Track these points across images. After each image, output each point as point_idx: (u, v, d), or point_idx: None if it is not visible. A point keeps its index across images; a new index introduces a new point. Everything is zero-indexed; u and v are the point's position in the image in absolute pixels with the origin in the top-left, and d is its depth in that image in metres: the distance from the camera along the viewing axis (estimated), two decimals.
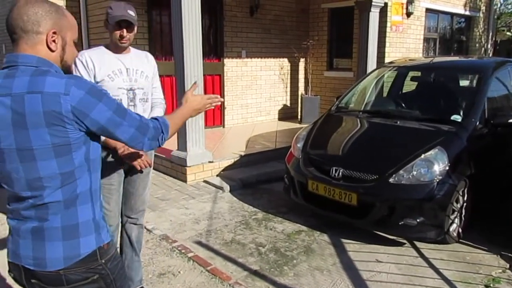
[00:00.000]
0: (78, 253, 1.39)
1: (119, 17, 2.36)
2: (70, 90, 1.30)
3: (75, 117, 1.31)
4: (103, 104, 1.35)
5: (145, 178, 2.69)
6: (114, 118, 1.38)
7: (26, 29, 1.34)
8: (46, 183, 1.34)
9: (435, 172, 3.53)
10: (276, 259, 3.43)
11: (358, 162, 3.87)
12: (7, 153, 1.32)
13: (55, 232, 1.37)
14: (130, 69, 2.50)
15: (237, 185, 5.18)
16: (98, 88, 1.39)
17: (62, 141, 1.32)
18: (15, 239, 1.41)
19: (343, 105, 5.07)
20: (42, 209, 1.36)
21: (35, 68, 1.33)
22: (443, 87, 5.12)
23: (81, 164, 1.38)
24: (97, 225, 1.46)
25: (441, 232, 3.53)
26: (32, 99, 1.27)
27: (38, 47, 1.36)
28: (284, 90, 9.11)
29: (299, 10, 9.00)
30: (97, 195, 1.47)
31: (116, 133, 1.40)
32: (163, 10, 6.95)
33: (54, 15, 1.37)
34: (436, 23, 9.79)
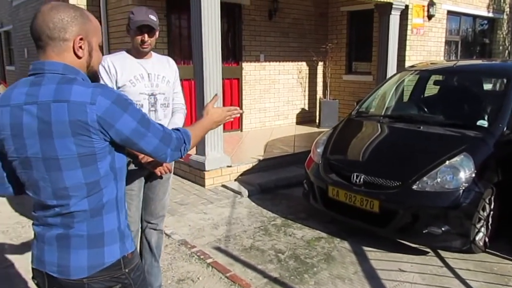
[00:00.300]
0: (102, 262, 1.37)
1: (141, 22, 2.35)
2: (97, 100, 1.28)
3: (101, 127, 1.28)
4: (128, 115, 1.33)
5: (165, 183, 2.67)
6: (138, 129, 1.36)
7: (53, 37, 1.31)
8: (72, 193, 1.32)
9: (460, 179, 3.42)
10: (296, 266, 3.37)
11: (380, 168, 3.79)
12: (33, 162, 1.31)
13: (81, 240, 1.35)
14: (152, 74, 2.48)
15: (255, 190, 5.14)
16: (124, 97, 1.36)
17: (87, 151, 1.29)
18: (40, 245, 1.39)
19: (364, 110, 4.98)
20: (68, 217, 1.34)
21: (61, 76, 1.31)
22: (467, 91, 4.98)
23: (106, 173, 1.36)
24: (122, 234, 1.44)
25: (467, 241, 3.42)
26: (58, 108, 1.25)
27: (65, 54, 1.34)
28: (302, 94, 9.04)
29: (318, 13, 8.94)
30: (122, 203, 1.46)
31: (140, 144, 1.38)
32: (182, 14, 6.98)
33: (80, 20, 1.35)
34: (458, 25, 9.61)
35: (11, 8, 11.66)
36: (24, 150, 1.30)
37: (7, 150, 1.34)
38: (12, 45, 12.70)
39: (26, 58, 11.28)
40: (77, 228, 1.35)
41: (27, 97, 1.28)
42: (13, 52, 12.72)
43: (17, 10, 11.33)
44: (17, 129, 1.29)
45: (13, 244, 3.70)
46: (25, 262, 3.30)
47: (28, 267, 1.30)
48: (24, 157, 1.31)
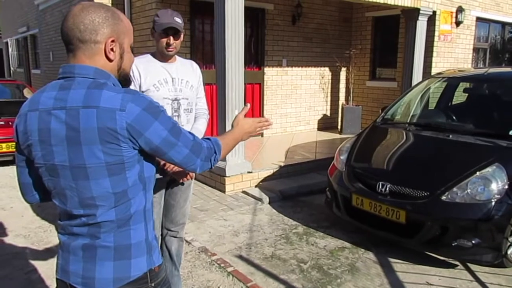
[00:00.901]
0: (129, 275, 1.31)
1: (166, 25, 2.31)
2: (127, 106, 1.22)
3: (130, 135, 1.23)
4: (159, 123, 1.27)
5: (186, 190, 2.62)
6: (169, 138, 1.29)
7: (84, 39, 1.26)
8: (99, 202, 1.27)
9: (492, 190, 3.28)
10: (319, 277, 3.27)
11: (407, 177, 3.67)
12: (60, 169, 1.26)
13: (107, 252, 1.30)
14: (176, 78, 2.44)
15: (276, 197, 5.06)
16: (156, 104, 1.30)
17: (115, 160, 1.24)
18: (65, 255, 1.34)
19: (389, 117, 4.86)
20: (94, 227, 1.29)
21: (92, 80, 1.26)
22: (499, 99, 4.81)
23: (135, 183, 1.30)
24: (149, 246, 1.38)
25: (498, 255, 3.27)
26: (87, 114, 1.20)
27: (97, 57, 1.29)
28: (324, 100, 8.94)
29: (342, 18, 8.84)
30: (150, 214, 1.40)
31: (169, 154, 1.32)
32: (205, 18, 6.98)
33: (111, 21, 1.29)
34: (487, 32, 9.36)
35: (37, 12, 11.92)
36: (51, 157, 1.25)
37: (34, 156, 1.29)
38: (38, 49, 12.97)
39: (52, 62, 11.51)
40: (103, 239, 1.29)
41: (56, 102, 1.23)
42: (39, 56, 12.99)
43: (44, 14, 11.58)
44: (45, 135, 1.24)
45: (35, 249, 3.70)
46: (46, 268, 3.32)
47: (49, 272, 1.27)
48: (50, 164, 1.26)
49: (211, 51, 6.73)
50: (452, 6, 7.98)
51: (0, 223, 4.27)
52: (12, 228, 4.14)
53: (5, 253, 3.60)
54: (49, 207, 4.65)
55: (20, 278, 3.18)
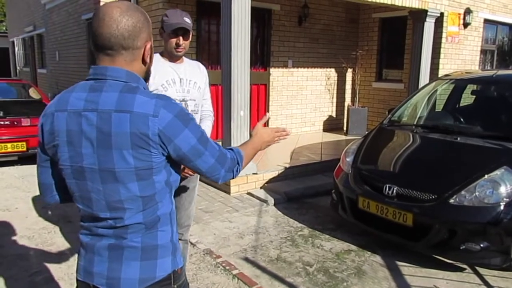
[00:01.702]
0: (154, 276, 1.31)
1: (176, 25, 2.29)
2: (159, 112, 1.21)
3: (161, 141, 1.22)
4: (189, 131, 1.27)
5: (191, 192, 2.59)
6: (197, 147, 1.29)
7: (127, 46, 1.24)
8: (127, 206, 1.26)
9: (501, 194, 3.24)
10: (325, 280, 3.24)
11: (414, 180, 3.63)
12: (88, 172, 1.24)
13: (134, 251, 1.29)
14: (184, 79, 2.43)
15: (281, 198, 5.03)
16: (186, 111, 1.29)
17: (145, 165, 1.23)
18: (89, 256, 1.32)
19: (396, 119, 4.82)
20: (121, 229, 1.29)
21: (124, 83, 1.24)
22: (507, 102, 4.75)
23: (162, 187, 1.29)
24: (175, 247, 1.38)
25: (507, 259, 3.22)
26: (120, 119, 1.19)
27: (135, 63, 1.28)
28: (330, 101, 8.90)
29: (349, 19, 8.80)
30: (174, 216, 1.40)
31: (195, 162, 1.31)
32: (211, 19, 6.97)
33: (147, 24, 1.28)
34: (495, 34, 9.30)
35: (44, 11, 11.97)
36: (79, 159, 1.23)
37: (59, 157, 1.27)
38: (45, 48, 13.02)
39: (58, 61, 11.55)
40: (130, 239, 1.29)
41: (87, 104, 1.21)
42: (45, 55, 13.04)
43: (50, 14, 11.62)
44: (74, 137, 1.22)
45: (39, 251, 3.68)
46: (50, 270, 3.30)
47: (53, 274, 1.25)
48: (78, 166, 1.25)
49: (217, 52, 6.71)
50: (460, 7, 7.92)
51: (5, 224, 4.26)
52: (17, 229, 4.13)
53: (10, 254, 3.59)
54: (53, 209, 4.64)
55: (25, 280, 3.16)
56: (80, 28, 9.44)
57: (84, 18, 9.00)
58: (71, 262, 3.41)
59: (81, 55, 9.62)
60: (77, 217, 4.37)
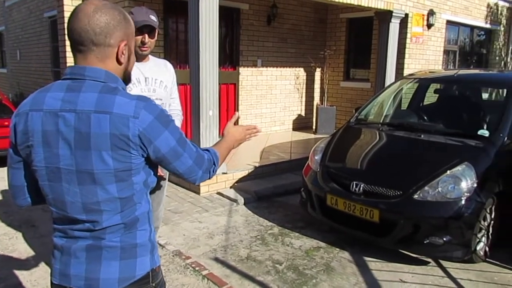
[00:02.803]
0: (134, 275, 1.30)
1: (141, 22, 2.25)
2: (140, 114, 1.20)
3: (141, 142, 1.22)
4: (168, 132, 1.26)
5: (160, 194, 2.56)
6: (176, 148, 1.29)
7: (98, 42, 1.22)
8: (104, 207, 1.24)
9: (462, 189, 3.36)
10: (294, 278, 3.26)
11: (380, 177, 3.71)
12: (65, 173, 1.21)
13: (113, 251, 1.27)
14: (149, 78, 2.39)
15: (251, 197, 5.04)
16: (166, 113, 1.29)
17: (124, 166, 1.21)
18: (64, 259, 1.29)
19: (363, 117, 4.91)
20: (99, 232, 1.27)
21: (103, 84, 1.22)
22: (468, 100, 4.95)
23: (140, 188, 1.29)
24: (153, 245, 1.38)
25: (468, 252, 3.36)
26: (100, 119, 1.17)
27: (108, 60, 1.26)
28: (299, 100, 8.98)
29: (317, 19, 8.90)
30: (151, 215, 1.39)
31: (174, 164, 1.31)
32: (179, 17, 6.90)
33: (124, 23, 1.27)
34: (457, 35, 9.63)
35: (3, 8, 11.54)
36: (56, 160, 1.21)
37: (33, 158, 1.23)
38: (4, 47, 12.56)
39: (19, 60, 11.16)
40: (109, 239, 1.27)
41: (64, 104, 1.19)
42: (5, 54, 12.58)
43: (10, 11, 11.22)
44: (50, 137, 1.19)
45: (0, 258, 3.55)
46: (12, 277, 3.18)
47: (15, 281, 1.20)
48: (54, 168, 1.21)
49: (185, 51, 6.65)
50: (424, 9, 8.16)
51: None
52: None
53: None
54: (16, 213, 4.48)
55: None
56: (43, 26, 9.15)
57: (46, 15, 8.73)
58: (34, 269, 3.30)
59: (44, 55, 9.33)
60: (41, 221, 4.23)
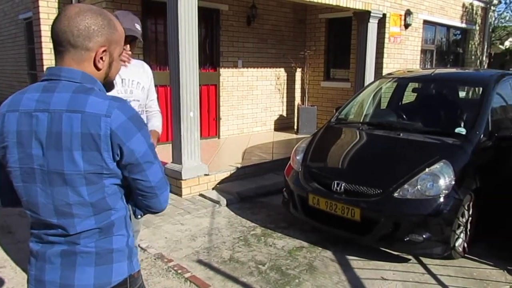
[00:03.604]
0: (110, 281, 1.28)
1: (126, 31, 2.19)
2: (112, 113, 1.18)
3: (113, 143, 1.19)
4: (141, 135, 1.23)
5: None
6: (148, 154, 1.26)
7: (76, 44, 1.21)
8: (76, 211, 1.22)
9: (441, 186, 3.41)
10: (277, 278, 3.27)
11: (361, 176, 3.74)
12: (38, 174, 1.20)
13: (88, 257, 1.25)
14: (126, 79, 2.35)
15: (234, 198, 5.03)
16: (140, 116, 1.27)
17: (95, 169, 1.19)
18: (39, 264, 1.27)
19: (343, 117, 4.95)
20: (73, 236, 1.24)
21: (78, 84, 1.21)
22: (445, 99, 5.04)
23: (113, 192, 1.26)
24: (131, 251, 1.35)
25: (447, 248, 3.42)
26: (71, 119, 1.15)
27: (85, 64, 1.24)
28: (281, 100, 9.01)
29: (296, 20, 8.95)
30: (129, 220, 1.37)
31: (147, 172, 1.26)
32: (158, 19, 6.84)
33: (107, 30, 1.25)
34: (433, 35, 9.81)
35: None
36: (30, 160, 1.20)
37: (8, 159, 1.22)
38: None
39: None
40: (84, 245, 1.25)
41: (38, 104, 1.18)
42: None
43: None
44: (24, 137, 1.19)
45: None
46: None
47: None
48: (28, 168, 1.20)
49: (165, 52, 6.60)
50: (401, 9, 8.28)
51: None
52: None
53: None
54: None
55: None
56: (18, 28, 8.96)
57: (21, 17, 8.55)
58: (11, 275, 3.22)
59: (19, 57, 9.13)
60: (18, 227, 4.14)
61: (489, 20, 11.79)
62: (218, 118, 7.90)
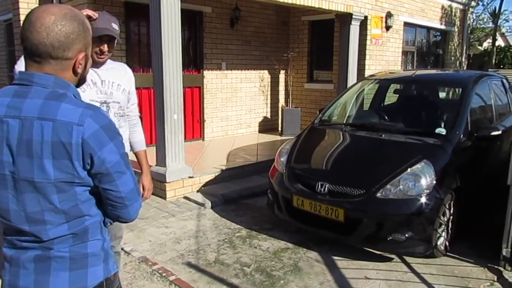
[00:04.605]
0: (85, 285, 1.27)
1: (102, 31, 2.15)
2: (85, 121, 1.16)
3: (84, 152, 1.17)
4: (113, 145, 1.22)
5: None
6: (120, 164, 1.24)
7: (56, 56, 1.19)
8: (48, 218, 1.20)
9: (422, 186, 3.47)
10: (262, 280, 3.28)
11: (344, 177, 3.78)
12: (9, 180, 1.19)
13: (62, 262, 1.24)
14: (106, 81, 2.29)
15: (219, 201, 5.02)
16: (113, 125, 1.25)
17: (66, 177, 1.18)
18: (14, 270, 1.26)
19: (327, 118, 4.99)
20: (47, 242, 1.23)
21: (50, 90, 1.19)
22: (425, 99, 5.12)
23: (88, 198, 1.25)
24: (106, 254, 1.33)
25: (429, 247, 3.47)
26: (43, 126, 1.14)
27: (64, 72, 1.23)
28: (265, 102, 9.03)
29: (280, 22, 8.99)
30: (104, 226, 1.35)
31: (117, 181, 1.25)
32: (141, 21, 6.79)
33: (83, 35, 1.24)
34: (414, 36, 9.96)
35: None
36: (1, 166, 1.18)
37: None
38: None
39: None
40: (57, 249, 1.23)
41: (9, 110, 1.16)
42: None
43: None
44: None
45: None
46: None
47: None
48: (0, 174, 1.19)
49: (148, 54, 6.56)
50: (382, 11, 8.39)
51: None
52: None
53: None
54: None
55: None
56: None
57: (1, 19, 8.39)
58: None
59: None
60: None
61: (468, 22, 12.02)
62: (202, 120, 7.88)
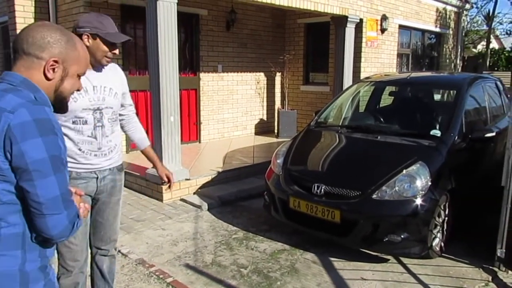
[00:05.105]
0: None
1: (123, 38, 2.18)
2: (17, 110, 1.14)
3: (5, 139, 1.11)
4: (43, 142, 1.13)
5: (115, 206, 2.43)
6: (44, 164, 1.13)
7: (28, 52, 1.25)
8: None
9: (417, 187, 3.49)
10: (259, 281, 3.29)
11: (340, 178, 3.80)
12: None
13: None
14: (98, 86, 2.23)
15: (215, 203, 5.03)
16: (53, 125, 1.18)
17: None
18: None
19: (323, 120, 5.02)
20: None
21: (13, 87, 1.22)
22: (420, 102, 5.16)
23: (10, 201, 1.14)
24: (26, 277, 1.16)
25: (425, 247, 3.49)
26: None
27: (34, 71, 1.26)
28: (261, 105, 9.06)
29: (275, 25, 9.02)
30: (28, 240, 1.19)
31: (35, 182, 1.12)
32: (137, 23, 6.81)
33: (63, 45, 1.29)
34: (409, 39, 10.03)
35: None
36: None
37: None
38: None
39: None
40: None
41: None
42: None
43: None
44: None
45: None
46: None
47: None
48: None
49: (144, 57, 6.55)
50: (377, 14, 8.45)
51: None
52: None
53: None
54: None
55: None
56: None
57: None
58: None
59: None
60: None
61: (462, 24, 12.11)
62: (199, 123, 7.89)
